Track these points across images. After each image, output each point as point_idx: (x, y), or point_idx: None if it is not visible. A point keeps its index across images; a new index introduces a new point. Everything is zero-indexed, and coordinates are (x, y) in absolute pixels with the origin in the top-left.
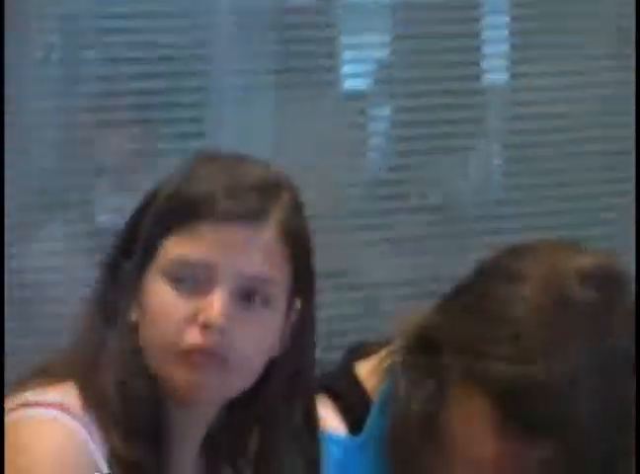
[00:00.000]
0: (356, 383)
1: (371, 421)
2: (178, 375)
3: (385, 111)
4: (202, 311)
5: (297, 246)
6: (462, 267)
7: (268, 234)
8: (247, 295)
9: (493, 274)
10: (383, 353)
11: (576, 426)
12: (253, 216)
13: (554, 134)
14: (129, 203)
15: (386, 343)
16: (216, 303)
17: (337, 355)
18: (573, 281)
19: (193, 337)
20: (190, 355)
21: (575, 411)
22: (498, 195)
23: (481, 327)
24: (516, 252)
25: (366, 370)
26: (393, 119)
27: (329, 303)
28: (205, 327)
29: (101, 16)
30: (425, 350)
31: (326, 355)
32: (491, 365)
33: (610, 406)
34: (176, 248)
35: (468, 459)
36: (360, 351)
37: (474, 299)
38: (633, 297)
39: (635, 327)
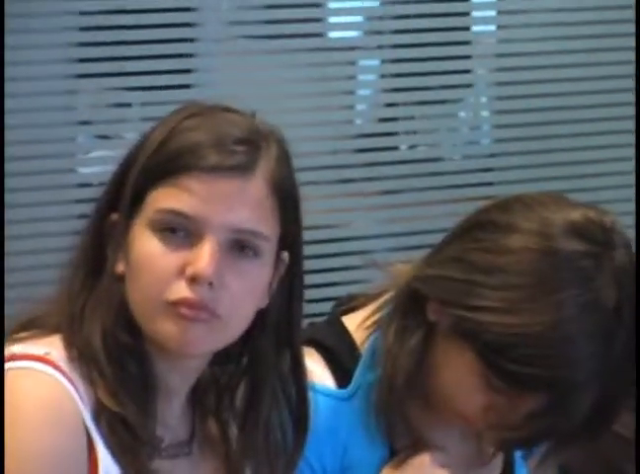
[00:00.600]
0: (344, 335)
1: (360, 373)
2: (166, 328)
3: (374, 62)
4: (191, 264)
5: (285, 198)
6: (451, 218)
7: (256, 186)
8: (235, 248)
9: (483, 225)
10: (372, 305)
11: (564, 378)
12: (241, 168)
13: (543, 86)
14: (113, 155)
15: (375, 295)
16: (205, 256)
17: (326, 308)
18: (562, 233)
19: (181, 289)
20: (178, 308)
21: (563, 363)
22: (487, 147)
23: (470, 278)
24: (506, 204)
25: (355, 323)
26: (382, 71)
27: (318, 255)
28: (194, 279)
29: None
30: (413, 301)
31: (315, 307)
32: (479, 316)
33: (600, 359)
34: (163, 200)
35: (455, 411)
36: (349, 303)
37: (464, 251)
38: (627, 252)
39: (636, 321)
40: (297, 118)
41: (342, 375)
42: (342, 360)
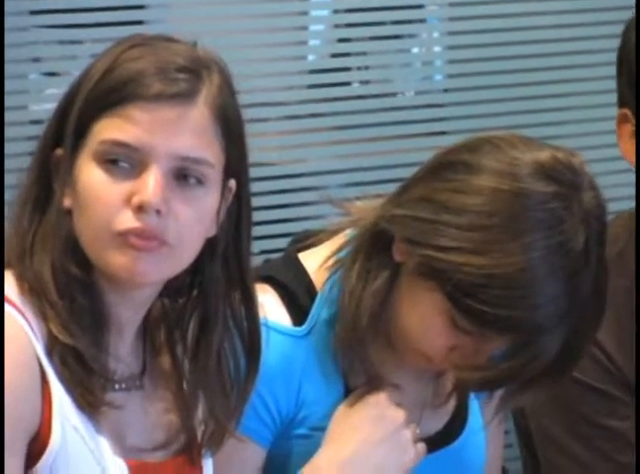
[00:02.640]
0: (301, 273)
1: (316, 311)
2: (115, 259)
3: None
4: (136, 193)
5: (229, 125)
6: (404, 154)
7: (198, 113)
8: (181, 176)
9: (452, 165)
10: (330, 242)
11: (532, 320)
12: (183, 96)
13: (496, 21)
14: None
15: (332, 232)
16: (150, 184)
17: (281, 244)
18: (531, 174)
19: (128, 219)
20: (127, 238)
21: (532, 305)
22: (440, 82)
23: (439, 218)
24: (475, 145)
25: (312, 260)
26: (334, 6)
27: (272, 191)
28: (140, 208)
29: None
30: (379, 241)
31: (270, 243)
32: (448, 257)
33: (567, 301)
34: (106, 131)
35: (419, 351)
36: (305, 240)
37: (433, 191)
38: (595, 194)
39: (636, 318)
40: (250, 53)
41: (298, 313)
42: (298, 298)
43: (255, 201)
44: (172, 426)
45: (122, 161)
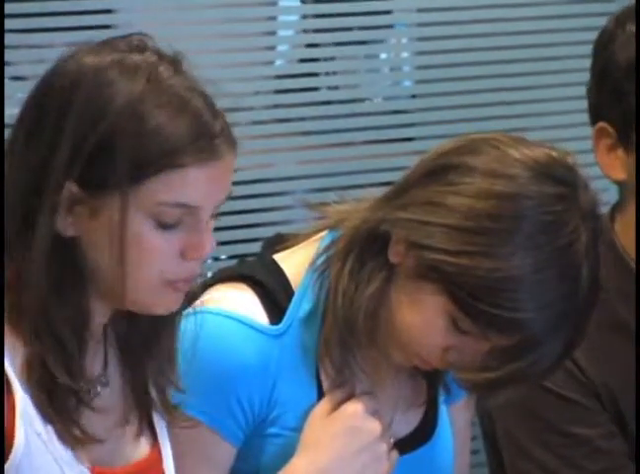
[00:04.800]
0: (278, 273)
1: (293, 309)
2: (159, 302)
3: (295, 2)
4: (193, 249)
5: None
6: (372, 160)
7: (232, 161)
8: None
9: (455, 168)
10: (304, 244)
11: (538, 322)
12: (227, 153)
13: (464, 27)
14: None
15: (306, 235)
16: (207, 240)
17: (251, 248)
18: (532, 176)
19: (181, 270)
20: (175, 284)
21: (539, 306)
22: (408, 88)
23: (447, 222)
24: (473, 146)
25: (288, 262)
26: (303, 11)
27: (241, 196)
28: (195, 262)
29: None
30: (373, 243)
31: (241, 247)
32: (456, 260)
33: (570, 302)
34: (164, 193)
35: (414, 350)
36: (278, 243)
37: (437, 194)
38: (589, 191)
39: (636, 318)
40: (217, 58)
41: (275, 311)
42: (275, 297)
43: (222, 206)
44: (128, 409)
45: (176, 218)
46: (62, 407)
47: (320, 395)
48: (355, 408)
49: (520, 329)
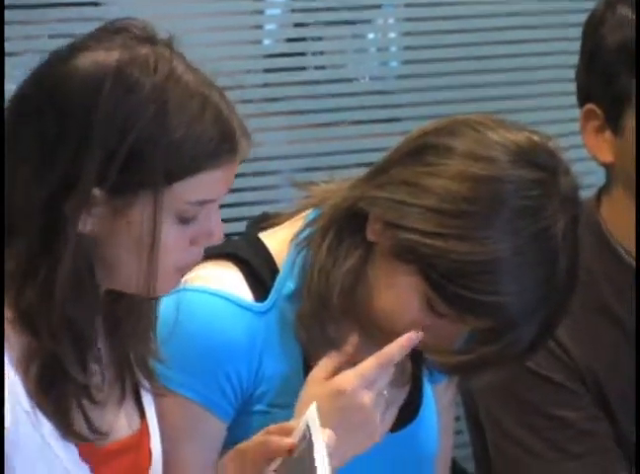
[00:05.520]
0: (263, 251)
1: (278, 287)
2: (167, 287)
3: None
4: (204, 237)
5: None
6: (359, 140)
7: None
8: None
9: (434, 149)
10: (290, 223)
11: (514, 305)
12: (246, 141)
13: (452, 8)
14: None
15: (291, 214)
16: (218, 227)
17: (237, 227)
18: (513, 160)
19: (191, 256)
20: (185, 270)
21: (514, 290)
22: (395, 68)
23: (423, 203)
24: (454, 127)
25: (273, 240)
26: None
27: None
28: (205, 246)
29: None
30: (351, 221)
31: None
32: (432, 242)
33: (546, 286)
34: (194, 193)
35: (391, 330)
36: (264, 221)
37: (415, 174)
38: (570, 178)
39: (636, 318)
40: (206, 37)
41: (260, 289)
42: (260, 274)
43: None
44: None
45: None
46: (67, 402)
47: (306, 371)
48: (345, 384)
49: (495, 313)
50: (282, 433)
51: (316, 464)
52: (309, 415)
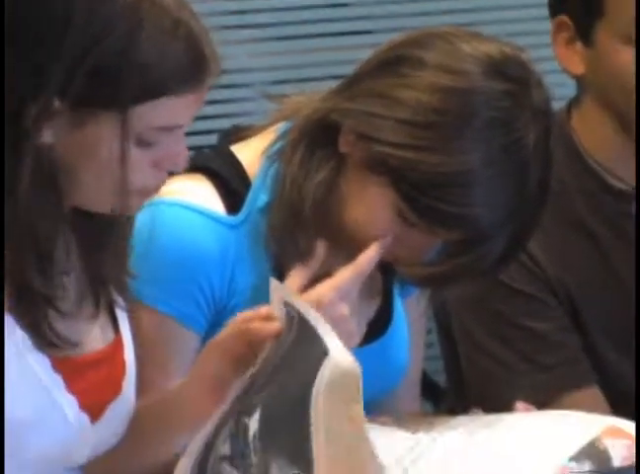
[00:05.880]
0: (235, 164)
1: (251, 199)
2: (126, 207)
3: None
4: (169, 161)
5: None
6: (331, 52)
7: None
8: None
9: (406, 60)
10: (262, 135)
11: (484, 217)
12: (217, 68)
13: None
14: None
15: (263, 126)
16: (184, 152)
17: (210, 140)
18: (485, 72)
19: (154, 178)
20: (149, 192)
21: (485, 202)
22: None
23: (395, 115)
24: (427, 39)
25: (245, 152)
26: None
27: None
28: (166, 171)
29: None
30: (324, 132)
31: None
32: (403, 153)
33: (517, 198)
34: (158, 118)
35: (362, 241)
36: (236, 134)
37: (387, 86)
38: (542, 90)
39: (635, 314)
40: None
41: (232, 202)
42: (233, 187)
43: None
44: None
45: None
46: (34, 313)
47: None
48: (319, 295)
49: (465, 224)
50: (262, 318)
51: (319, 333)
52: (282, 293)
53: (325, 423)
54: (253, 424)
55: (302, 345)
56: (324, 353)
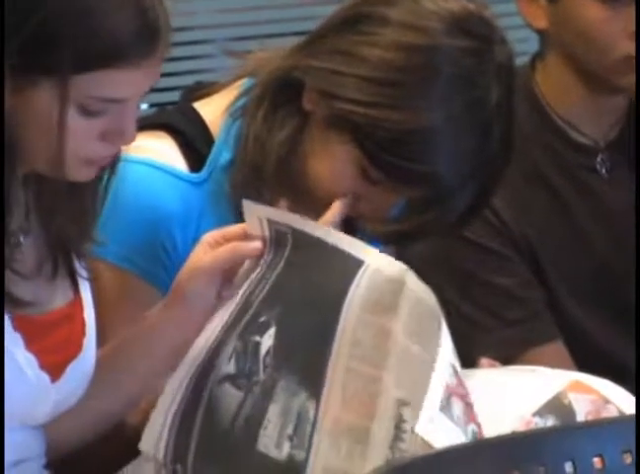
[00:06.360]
0: (197, 121)
1: (214, 157)
2: (74, 173)
3: None
4: (115, 134)
5: None
6: (296, 8)
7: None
8: None
9: (369, 18)
10: (225, 92)
11: (446, 174)
12: (166, 42)
13: None
14: None
15: (226, 83)
16: (129, 129)
17: (171, 97)
18: (448, 29)
19: (101, 149)
20: (99, 162)
21: (447, 159)
22: None
23: (357, 72)
24: None
25: (208, 109)
26: None
27: None
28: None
29: None
30: (287, 90)
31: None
32: (366, 111)
33: (479, 155)
34: (100, 88)
35: (326, 198)
36: (198, 91)
37: (350, 43)
38: (506, 48)
39: (635, 315)
40: None
41: (195, 159)
42: (195, 145)
43: None
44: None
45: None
46: None
47: None
48: None
49: (428, 182)
50: (241, 238)
51: (339, 245)
52: (264, 212)
53: (354, 335)
54: (266, 340)
55: (314, 260)
56: (357, 264)
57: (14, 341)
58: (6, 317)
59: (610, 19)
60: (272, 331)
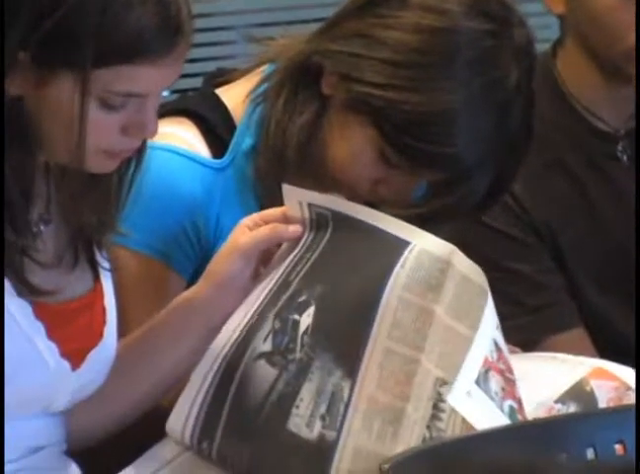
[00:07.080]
0: (220, 106)
1: (236, 143)
2: (95, 165)
3: None
4: (136, 128)
5: None
6: None
7: (190, 42)
8: None
9: (384, 0)
10: (247, 78)
11: (466, 156)
12: (187, 38)
13: None
14: None
15: (248, 69)
16: (150, 123)
17: (192, 83)
18: (465, 11)
19: (123, 144)
20: (120, 155)
21: (467, 141)
22: None
23: (376, 55)
24: None
25: (230, 95)
26: None
27: None
28: (138, 138)
29: None
30: (307, 74)
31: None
32: (385, 94)
33: (499, 138)
34: (120, 83)
35: (346, 183)
36: (220, 77)
37: (367, 26)
38: (524, 30)
39: (635, 316)
40: None
41: (217, 145)
42: (217, 131)
43: None
44: (65, 245)
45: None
46: (10, 263)
47: None
48: None
49: (448, 164)
50: (281, 220)
51: (384, 227)
52: (303, 196)
53: (394, 316)
54: (305, 319)
55: (357, 241)
56: (403, 245)
57: (35, 329)
58: (27, 306)
59: (623, 6)
60: (311, 310)
